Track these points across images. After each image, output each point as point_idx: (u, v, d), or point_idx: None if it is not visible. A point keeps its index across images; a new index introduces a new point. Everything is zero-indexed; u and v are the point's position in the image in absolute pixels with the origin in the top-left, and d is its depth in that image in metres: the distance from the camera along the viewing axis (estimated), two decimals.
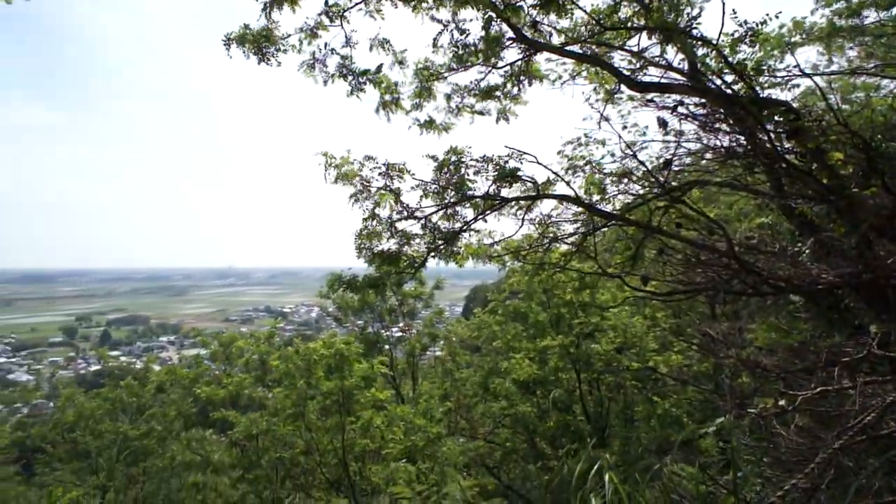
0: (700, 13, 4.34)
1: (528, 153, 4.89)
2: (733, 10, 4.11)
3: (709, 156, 4.86)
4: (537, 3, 4.62)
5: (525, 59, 5.31)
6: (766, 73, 4.57)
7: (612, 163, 5.29)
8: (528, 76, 5.51)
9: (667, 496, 3.24)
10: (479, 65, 5.30)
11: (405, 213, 5.17)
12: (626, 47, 4.99)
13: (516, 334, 10.60)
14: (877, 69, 6.41)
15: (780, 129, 3.97)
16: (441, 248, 5.23)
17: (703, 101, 4.39)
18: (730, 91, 4.11)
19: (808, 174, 3.74)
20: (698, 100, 4.44)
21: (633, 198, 5.31)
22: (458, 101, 5.76)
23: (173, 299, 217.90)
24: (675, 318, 9.94)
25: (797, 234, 4.49)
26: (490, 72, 5.44)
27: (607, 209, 5.12)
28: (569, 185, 5.10)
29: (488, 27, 4.83)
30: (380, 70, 5.39)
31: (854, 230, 3.63)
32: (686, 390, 9.23)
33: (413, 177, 5.09)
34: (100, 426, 11.40)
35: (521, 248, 5.74)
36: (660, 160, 4.91)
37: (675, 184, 4.66)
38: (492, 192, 4.98)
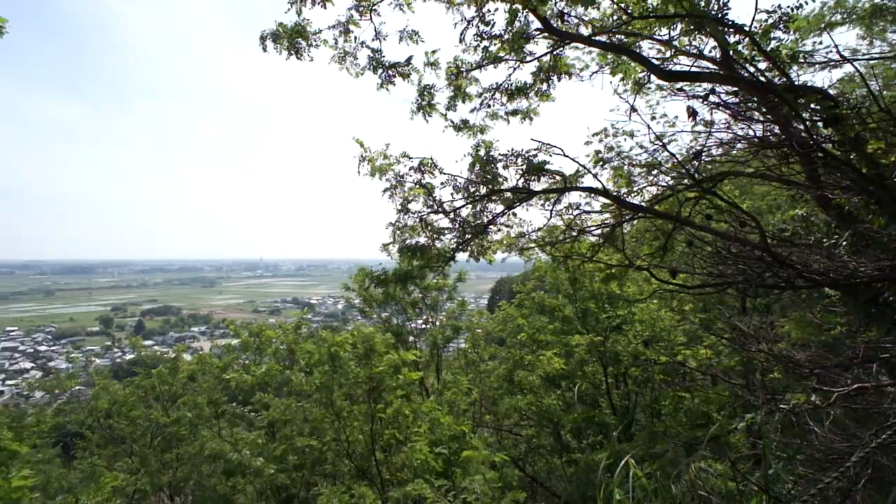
0: None
1: (555, 146, 4.86)
2: None
3: (741, 145, 4.72)
4: None
5: (553, 53, 5.26)
6: (801, 59, 4.41)
7: (641, 154, 5.21)
8: (556, 72, 5.47)
9: (694, 492, 3.21)
10: (508, 59, 5.28)
11: (435, 208, 5.22)
12: (656, 36, 4.89)
13: (541, 327, 10.56)
14: None
15: (815, 118, 3.84)
16: (471, 242, 5.27)
17: (735, 89, 4.27)
18: (763, 79, 3.99)
19: (845, 164, 3.61)
20: (730, 88, 4.33)
21: (661, 189, 5.22)
22: (491, 100, 5.80)
23: (204, 290, 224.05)
24: (705, 312, 9.77)
25: (833, 226, 4.35)
26: (518, 67, 5.42)
27: (635, 201, 5.06)
28: (596, 177, 5.05)
29: (513, 19, 4.80)
30: (409, 62, 5.44)
31: (894, 222, 3.50)
32: (715, 385, 9.08)
33: (443, 172, 5.14)
34: (132, 413, 11.83)
35: (548, 241, 5.71)
36: (690, 151, 4.81)
37: (706, 175, 4.55)
38: (520, 185, 4.97)
